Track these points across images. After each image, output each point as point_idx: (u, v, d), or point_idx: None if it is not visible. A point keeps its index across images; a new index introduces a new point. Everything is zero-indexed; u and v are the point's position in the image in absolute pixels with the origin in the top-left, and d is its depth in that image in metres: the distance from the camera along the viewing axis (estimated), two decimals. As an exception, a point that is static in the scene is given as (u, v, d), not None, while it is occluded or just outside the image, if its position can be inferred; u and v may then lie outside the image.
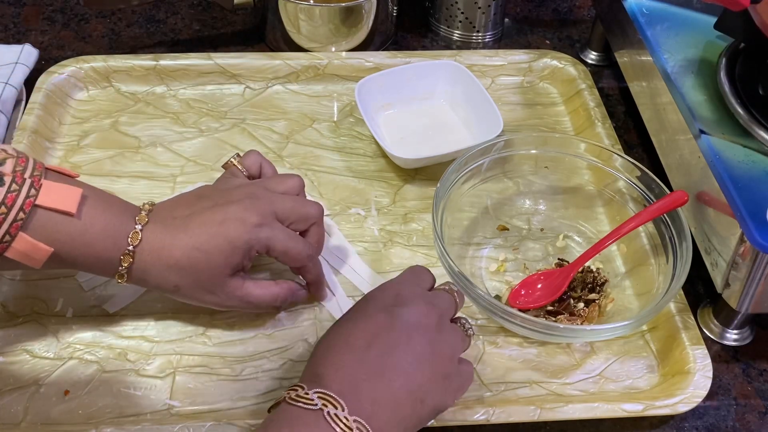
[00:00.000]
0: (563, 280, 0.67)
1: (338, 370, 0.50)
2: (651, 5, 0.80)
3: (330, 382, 0.49)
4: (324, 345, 0.53)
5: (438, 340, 0.53)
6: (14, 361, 0.63)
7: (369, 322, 0.53)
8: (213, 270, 0.59)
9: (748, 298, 0.63)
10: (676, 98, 0.71)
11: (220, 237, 0.58)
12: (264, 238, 0.59)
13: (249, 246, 0.59)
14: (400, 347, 0.52)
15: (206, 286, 0.59)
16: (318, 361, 0.51)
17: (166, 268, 0.58)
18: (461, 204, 0.72)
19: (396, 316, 0.53)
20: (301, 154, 0.81)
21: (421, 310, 0.54)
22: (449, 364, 0.54)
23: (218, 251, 0.58)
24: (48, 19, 0.98)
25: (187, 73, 0.87)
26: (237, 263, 0.59)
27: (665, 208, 0.66)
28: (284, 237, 0.61)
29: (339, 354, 0.51)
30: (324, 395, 0.48)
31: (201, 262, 0.58)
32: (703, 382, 0.62)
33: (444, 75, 0.85)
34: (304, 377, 0.52)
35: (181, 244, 0.58)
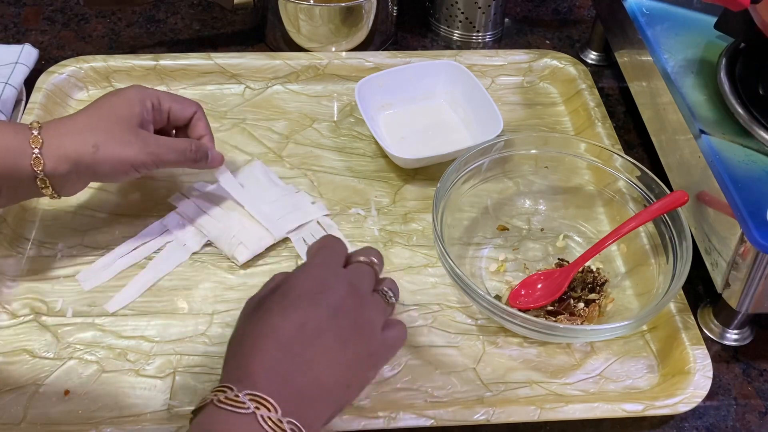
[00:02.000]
0: (563, 280, 0.67)
1: (266, 367, 0.49)
2: (651, 5, 0.80)
3: (259, 382, 0.48)
4: (245, 338, 0.51)
5: (361, 319, 0.53)
6: (14, 361, 0.63)
7: (295, 312, 0.51)
8: (121, 120, 0.64)
9: (748, 298, 0.63)
10: (676, 98, 0.71)
11: (113, 97, 0.66)
12: (150, 91, 0.68)
13: (141, 98, 0.66)
14: (325, 335, 0.51)
15: (121, 138, 0.64)
16: (244, 357, 0.50)
17: (77, 132, 0.63)
18: (461, 204, 0.72)
19: (321, 304, 0.52)
20: (301, 154, 0.81)
21: (344, 292, 0.53)
22: (373, 340, 0.54)
23: (119, 104, 0.65)
24: (48, 19, 0.98)
25: (187, 73, 0.87)
26: (138, 113, 0.66)
27: (665, 208, 0.66)
28: (168, 94, 0.70)
29: (266, 349, 0.50)
30: (255, 397, 0.47)
31: (108, 115, 0.64)
32: (703, 382, 0.62)
33: (444, 75, 0.85)
34: (230, 375, 0.50)
35: (83, 113, 0.65)
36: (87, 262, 0.70)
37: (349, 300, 0.53)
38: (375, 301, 0.56)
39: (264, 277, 0.69)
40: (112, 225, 0.73)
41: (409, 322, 0.67)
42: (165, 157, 0.66)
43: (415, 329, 0.67)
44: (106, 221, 0.73)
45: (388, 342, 0.55)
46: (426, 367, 0.64)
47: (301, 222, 0.73)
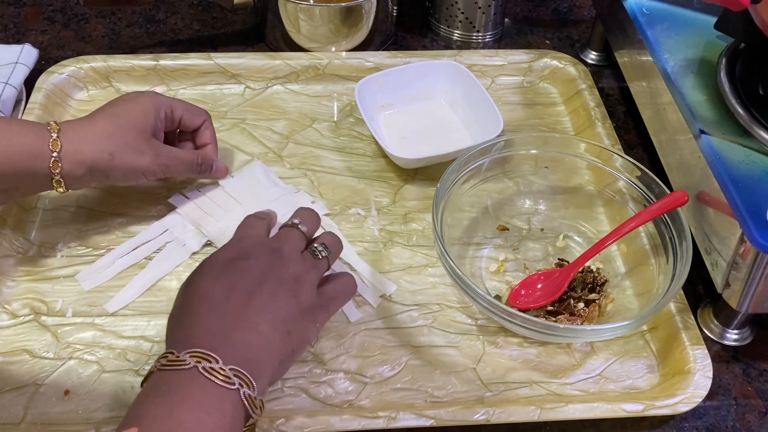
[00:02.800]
0: (563, 280, 0.67)
1: (204, 327, 0.51)
2: (651, 5, 0.80)
3: (199, 341, 0.50)
4: (184, 308, 0.54)
5: (288, 277, 0.56)
6: (14, 361, 0.63)
7: (222, 279, 0.54)
8: (137, 130, 0.67)
9: (748, 298, 0.63)
10: (676, 98, 0.71)
11: (129, 104, 0.69)
12: (164, 99, 0.71)
13: (156, 107, 0.69)
14: (255, 297, 0.53)
15: (136, 148, 0.67)
16: (181, 325, 0.53)
17: (95, 139, 0.65)
18: (461, 204, 0.72)
19: (242, 268, 0.55)
20: (301, 154, 0.81)
21: (264, 256, 0.57)
22: (305, 294, 0.56)
23: (134, 114, 0.68)
24: (48, 19, 0.98)
25: (187, 73, 0.87)
26: (152, 123, 0.69)
27: (665, 208, 0.66)
28: (181, 101, 0.73)
29: (201, 313, 0.52)
30: (195, 353, 0.49)
31: (125, 124, 0.67)
32: (703, 382, 0.62)
33: (444, 75, 0.85)
34: (171, 344, 0.52)
35: (101, 118, 0.67)
36: (87, 262, 0.70)
37: (271, 262, 0.56)
38: (302, 260, 0.58)
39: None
40: (112, 225, 0.73)
41: (409, 322, 0.67)
42: (174, 169, 0.70)
43: (415, 329, 0.67)
44: (106, 221, 0.73)
45: (327, 294, 0.59)
46: (426, 367, 0.64)
47: (301, 222, 0.73)
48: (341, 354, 0.64)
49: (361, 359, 0.64)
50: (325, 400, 0.62)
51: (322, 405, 0.61)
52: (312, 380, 0.63)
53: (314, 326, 0.57)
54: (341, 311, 0.67)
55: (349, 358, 0.64)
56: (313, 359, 0.64)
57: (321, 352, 0.64)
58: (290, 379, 0.62)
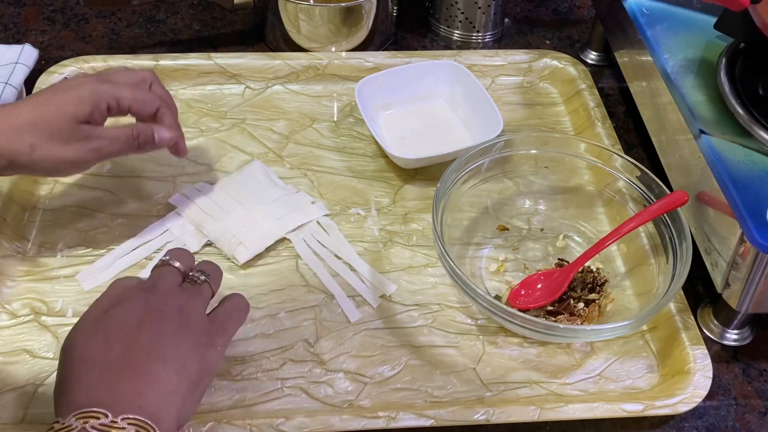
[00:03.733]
0: (563, 280, 0.67)
1: (87, 387, 0.48)
2: (651, 5, 0.80)
3: (84, 401, 0.47)
4: (64, 376, 0.50)
5: (166, 310, 0.53)
6: (14, 361, 0.63)
7: (96, 334, 0.51)
8: (64, 117, 0.60)
9: (748, 298, 0.63)
10: (676, 98, 0.71)
11: (64, 91, 0.61)
12: (109, 89, 0.63)
13: (95, 96, 0.61)
14: (136, 338, 0.50)
15: (61, 136, 0.60)
16: (63, 391, 0.49)
17: (15, 130, 0.59)
18: (461, 204, 0.72)
19: (117, 315, 0.52)
20: (301, 154, 0.81)
21: (138, 297, 0.53)
22: (193, 322, 0.53)
23: (66, 102, 0.61)
24: (48, 19, 0.98)
25: (187, 73, 0.87)
26: (87, 113, 0.61)
27: (665, 208, 0.66)
28: (130, 90, 0.64)
29: (82, 375, 0.49)
30: (81, 414, 0.46)
31: (49, 112, 0.60)
32: (703, 382, 0.62)
33: (444, 75, 0.85)
34: (57, 413, 0.48)
35: (28, 104, 0.61)
36: (87, 262, 0.70)
37: (147, 301, 0.53)
38: (180, 291, 0.55)
39: (264, 277, 0.69)
40: (112, 225, 0.73)
41: (409, 322, 0.67)
42: (107, 150, 0.63)
43: (415, 329, 0.67)
44: (106, 221, 0.73)
45: (219, 317, 0.56)
46: (426, 367, 0.64)
47: (301, 222, 0.73)
48: (341, 354, 0.64)
49: (361, 359, 0.64)
50: (325, 400, 0.62)
51: (321, 405, 0.61)
52: (312, 380, 0.63)
53: (215, 350, 0.54)
54: (341, 311, 0.67)
55: (348, 358, 0.64)
56: (312, 359, 0.64)
57: (321, 352, 0.64)
58: (290, 379, 0.62)
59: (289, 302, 0.68)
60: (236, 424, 0.58)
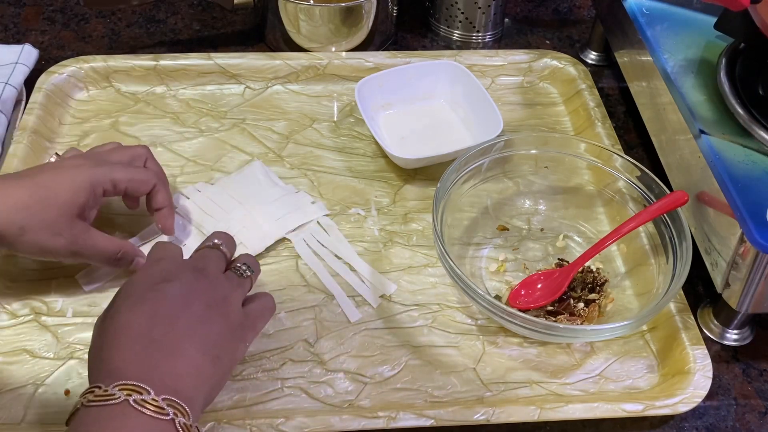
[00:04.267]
0: (563, 280, 0.67)
1: (130, 358, 0.49)
2: (651, 5, 0.80)
3: (126, 373, 0.48)
4: (105, 341, 0.50)
5: (214, 298, 0.54)
6: (14, 361, 0.63)
7: (143, 305, 0.51)
8: (60, 208, 0.60)
9: (748, 298, 0.63)
10: (676, 98, 0.71)
11: (62, 176, 0.62)
12: (105, 173, 0.63)
13: (91, 184, 0.62)
14: (180, 319, 0.51)
15: (53, 227, 0.60)
16: (106, 358, 0.49)
17: (8, 209, 0.59)
18: (461, 204, 0.72)
19: (166, 291, 0.52)
20: (301, 154, 0.81)
21: (188, 277, 0.54)
22: (233, 314, 0.55)
23: (63, 189, 0.61)
24: (48, 19, 0.98)
25: (187, 73, 0.87)
26: (83, 203, 0.62)
27: (665, 208, 0.66)
28: (125, 170, 0.65)
29: (126, 345, 0.49)
30: (125, 386, 0.46)
31: (47, 198, 0.60)
32: (703, 382, 0.62)
33: (444, 75, 0.85)
34: (96, 378, 0.49)
35: (25, 184, 0.60)
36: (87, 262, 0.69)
37: (197, 283, 0.54)
38: (227, 279, 0.57)
39: (264, 277, 0.69)
40: (112, 225, 0.73)
41: (409, 322, 0.67)
42: (88, 257, 0.64)
43: (415, 329, 0.67)
44: (106, 221, 0.73)
45: (253, 314, 0.57)
46: (426, 367, 0.64)
47: (301, 222, 0.73)
48: (341, 354, 0.64)
49: (361, 359, 0.64)
50: (325, 399, 0.62)
51: (321, 405, 0.61)
52: (312, 380, 0.63)
53: (243, 345, 0.56)
54: (341, 311, 0.67)
55: (348, 358, 0.64)
56: (312, 359, 0.64)
57: (321, 352, 0.64)
58: (290, 379, 0.62)
59: (289, 302, 0.68)
60: (236, 424, 0.58)
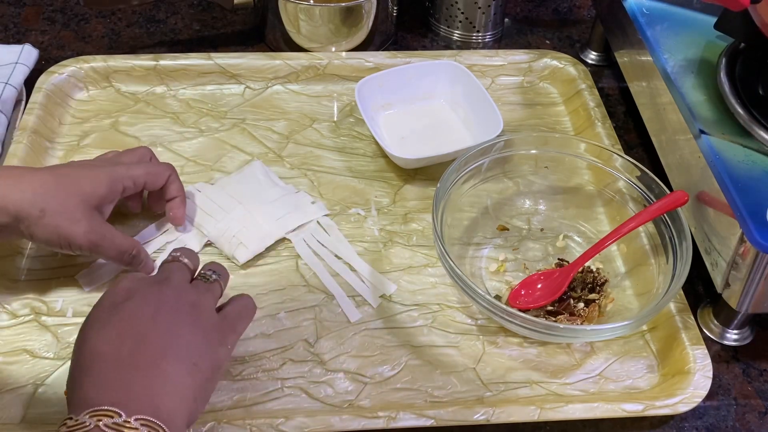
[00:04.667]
0: (563, 280, 0.67)
1: (102, 385, 0.48)
2: (651, 5, 0.80)
3: (98, 399, 0.47)
4: (77, 371, 0.50)
5: (180, 305, 0.53)
6: (14, 361, 0.63)
7: (108, 328, 0.51)
8: (80, 196, 0.62)
9: (748, 298, 0.63)
10: (676, 98, 0.71)
11: (84, 169, 0.64)
12: (124, 171, 0.66)
13: (111, 179, 0.64)
14: (149, 334, 0.50)
15: (72, 213, 0.61)
16: (76, 386, 0.49)
17: (30, 189, 0.60)
18: (461, 204, 0.72)
19: (130, 309, 0.52)
20: (301, 154, 0.81)
21: (151, 290, 0.53)
22: (205, 319, 0.54)
23: (85, 180, 0.63)
24: (48, 19, 0.98)
25: (187, 73, 0.87)
26: (102, 195, 0.64)
27: (665, 208, 0.66)
28: (142, 167, 0.68)
29: (96, 372, 0.49)
30: (95, 412, 0.46)
31: (69, 186, 0.62)
32: (703, 382, 0.62)
33: (444, 75, 0.85)
34: (70, 408, 0.48)
35: (48, 171, 0.63)
36: (87, 262, 0.70)
37: (161, 294, 0.53)
38: (193, 288, 0.56)
39: (264, 277, 0.69)
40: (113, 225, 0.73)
41: (409, 322, 0.67)
42: (102, 250, 0.64)
43: (415, 329, 0.67)
44: (106, 221, 0.73)
45: (230, 316, 0.56)
46: (426, 367, 0.64)
47: (301, 222, 0.73)
48: (341, 354, 0.64)
49: (361, 359, 0.64)
50: (325, 399, 0.62)
51: (321, 405, 0.61)
52: (312, 380, 0.63)
53: (225, 349, 0.54)
54: (341, 311, 0.67)
55: (348, 358, 0.64)
56: (312, 359, 0.64)
57: (321, 352, 0.64)
58: (290, 379, 0.62)
59: (289, 302, 0.68)
60: (236, 424, 0.58)
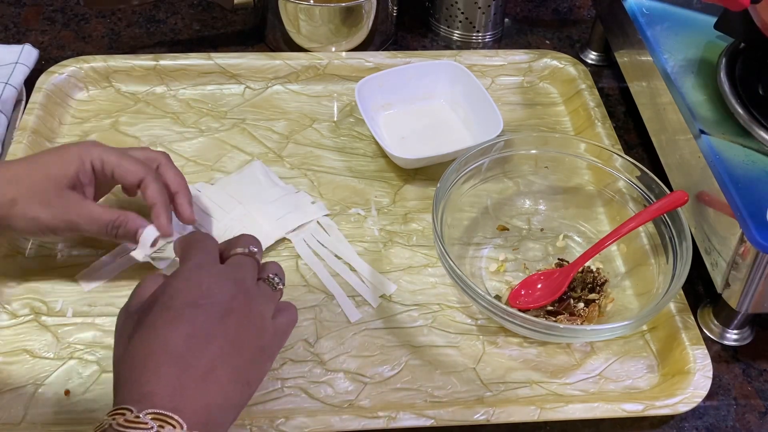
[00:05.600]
0: (563, 280, 0.67)
1: (164, 384, 0.47)
2: (651, 5, 0.80)
3: (159, 399, 0.46)
4: (139, 357, 0.48)
5: (251, 314, 0.52)
6: (14, 361, 0.63)
7: (182, 324, 0.49)
8: (50, 179, 0.61)
9: (748, 298, 0.63)
10: (676, 98, 0.71)
11: (55, 152, 0.64)
12: (95, 151, 0.63)
13: (80, 157, 0.62)
14: (216, 339, 0.49)
15: (42, 197, 0.61)
16: (138, 379, 0.47)
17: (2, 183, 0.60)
18: (461, 204, 0.72)
19: (207, 309, 0.50)
20: (301, 154, 0.81)
21: (230, 292, 0.52)
22: (265, 332, 0.53)
23: (54, 161, 0.62)
24: (48, 19, 0.98)
25: (187, 73, 0.87)
26: (72, 175, 0.62)
27: (665, 208, 0.66)
28: (119, 155, 0.64)
29: (161, 368, 0.47)
30: (159, 416, 0.45)
31: (37, 171, 0.61)
32: (703, 382, 0.62)
33: (444, 75, 0.85)
34: (126, 398, 0.47)
35: (21, 161, 0.63)
36: (87, 262, 0.70)
37: (236, 299, 0.52)
38: (261, 291, 0.54)
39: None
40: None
41: (409, 322, 0.67)
42: (83, 227, 0.62)
43: (415, 329, 0.67)
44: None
45: (281, 329, 0.55)
46: (426, 367, 0.64)
47: (301, 222, 0.73)
48: (341, 354, 0.64)
49: (361, 359, 0.64)
50: (325, 399, 0.62)
51: (321, 405, 0.61)
52: (312, 380, 0.63)
53: (270, 363, 0.54)
54: (341, 311, 0.67)
55: (349, 358, 0.64)
56: (312, 359, 0.64)
57: (321, 352, 0.64)
58: (290, 379, 0.62)
59: (289, 302, 0.68)
60: (236, 424, 0.58)
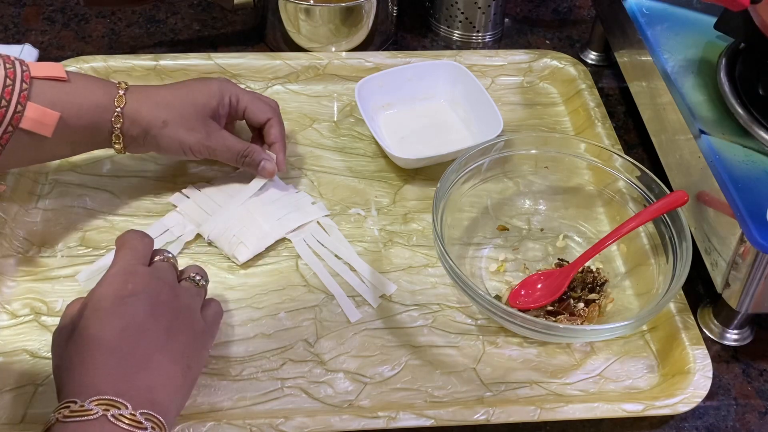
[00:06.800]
0: (563, 280, 0.67)
1: (105, 374, 0.49)
2: (651, 5, 0.80)
3: (102, 387, 0.48)
4: (76, 357, 0.50)
5: (179, 307, 0.56)
6: (14, 361, 0.63)
7: (113, 319, 0.52)
8: (196, 107, 0.70)
9: (748, 298, 0.63)
10: (676, 98, 0.71)
11: (197, 84, 0.72)
12: (233, 88, 0.73)
13: (221, 93, 0.71)
14: (150, 331, 0.52)
15: (189, 122, 0.69)
16: (75, 373, 0.49)
17: (155, 105, 0.68)
18: (461, 204, 0.72)
19: (135, 304, 0.53)
20: (301, 154, 0.81)
21: (153, 288, 0.55)
22: (196, 322, 0.57)
23: (199, 92, 0.71)
24: (48, 19, 0.98)
25: (187, 73, 0.87)
26: (214, 106, 0.71)
27: (665, 208, 0.66)
28: (249, 94, 0.74)
29: (99, 360, 0.50)
30: (101, 401, 0.47)
31: (186, 99, 0.70)
32: (703, 382, 0.62)
33: (444, 75, 0.85)
34: (69, 393, 0.49)
35: (169, 87, 0.71)
36: (87, 262, 0.70)
37: (162, 293, 0.55)
38: (185, 289, 0.58)
39: (264, 277, 0.69)
40: (112, 225, 0.73)
41: (409, 322, 0.67)
42: (218, 154, 0.71)
43: (415, 329, 0.67)
44: (106, 221, 0.73)
45: (209, 320, 0.59)
46: (426, 367, 0.64)
47: (301, 222, 0.73)
48: (341, 354, 0.64)
49: (361, 359, 0.64)
50: (325, 399, 0.62)
51: (321, 405, 0.61)
52: (312, 380, 0.63)
53: (206, 352, 0.58)
54: (341, 311, 0.67)
55: (348, 358, 0.64)
56: (312, 359, 0.64)
57: (321, 352, 0.64)
58: (290, 379, 0.62)
59: (289, 302, 0.68)
60: (236, 424, 0.58)
